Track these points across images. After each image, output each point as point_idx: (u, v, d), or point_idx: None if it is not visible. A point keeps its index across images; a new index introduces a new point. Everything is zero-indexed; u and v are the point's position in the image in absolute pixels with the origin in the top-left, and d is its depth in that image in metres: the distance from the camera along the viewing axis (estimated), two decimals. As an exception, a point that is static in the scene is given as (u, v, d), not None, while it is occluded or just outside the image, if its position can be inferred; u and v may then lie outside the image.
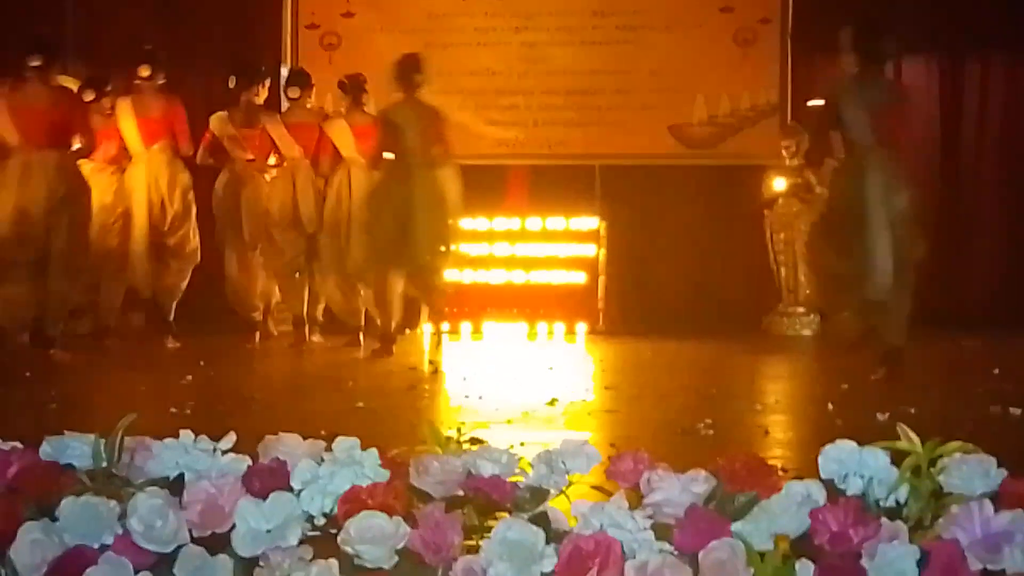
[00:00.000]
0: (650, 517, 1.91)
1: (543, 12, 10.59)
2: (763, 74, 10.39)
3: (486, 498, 1.99)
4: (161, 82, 8.65)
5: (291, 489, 2.02)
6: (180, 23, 10.71)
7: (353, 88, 8.95)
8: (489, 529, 1.93)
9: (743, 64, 10.40)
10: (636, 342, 9.01)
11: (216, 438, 2.15)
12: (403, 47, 10.57)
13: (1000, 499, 1.95)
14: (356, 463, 2.05)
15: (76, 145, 7.83)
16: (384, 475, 2.04)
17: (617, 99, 10.54)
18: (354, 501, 1.97)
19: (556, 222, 10.11)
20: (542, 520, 1.95)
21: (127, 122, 8.58)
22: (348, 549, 1.91)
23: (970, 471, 1.99)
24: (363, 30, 10.65)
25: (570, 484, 2.05)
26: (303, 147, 8.86)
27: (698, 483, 1.95)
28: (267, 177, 9.00)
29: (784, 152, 9.87)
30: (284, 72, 10.03)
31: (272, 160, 9.02)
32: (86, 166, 8.19)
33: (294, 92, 9.03)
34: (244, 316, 9.08)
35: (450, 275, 9.81)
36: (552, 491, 2.03)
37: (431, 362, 7.69)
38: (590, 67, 10.53)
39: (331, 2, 10.70)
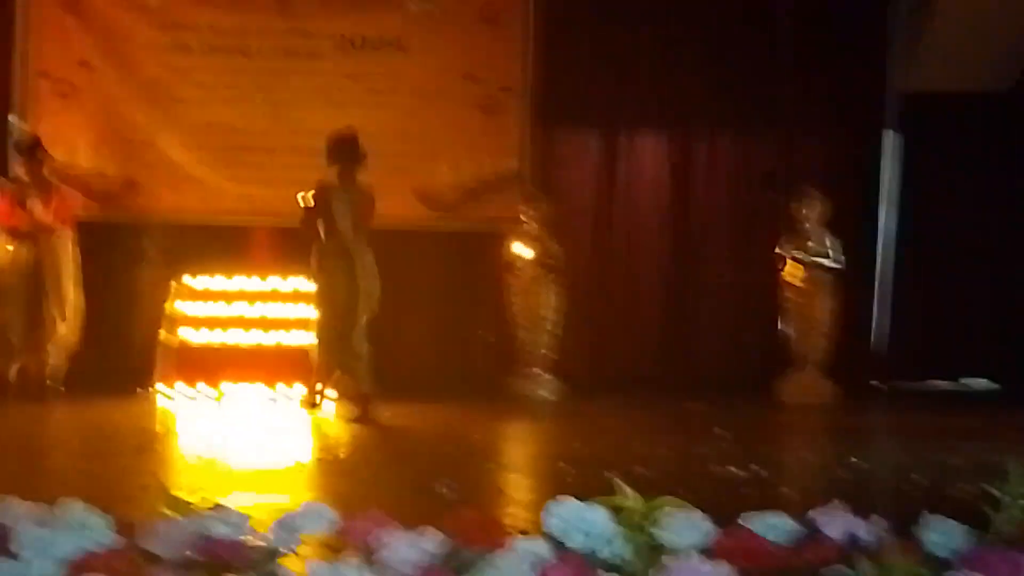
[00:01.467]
0: (380, 574, 1.94)
1: (289, 72, 10.56)
2: (506, 141, 10.67)
3: (218, 559, 1.98)
4: None
5: (13, 555, 1.96)
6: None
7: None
8: (220, 591, 1.92)
9: (486, 131, 10.66)
10: (377, 403, 9.01)
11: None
12: (143, 100, 10.40)
13: (710, 551, 2.08)
14: (84, 526, 2.00)
15: None
16: (113, 538, 2.00)
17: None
18: (82, 566, 1.92)
19: (297, 282, 10.03)
20: (273, 580, 1.96)
21: None
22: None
23: (682, 525, 2.11)
24: (101, 80, 10.35)
25: (302, 544, 2.06)
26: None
27: (427, 541, 2.00)
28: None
29: (524, 218, 10.15)
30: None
31: None
32: None
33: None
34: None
35: (187, 335, 9.63)
36: (283, 551, 2.04)
37: (162, 423, 7.51)
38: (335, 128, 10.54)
39: (66, 50, 10.34)
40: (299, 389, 9.40)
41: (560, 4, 10.59)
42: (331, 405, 8.65)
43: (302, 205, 8.27)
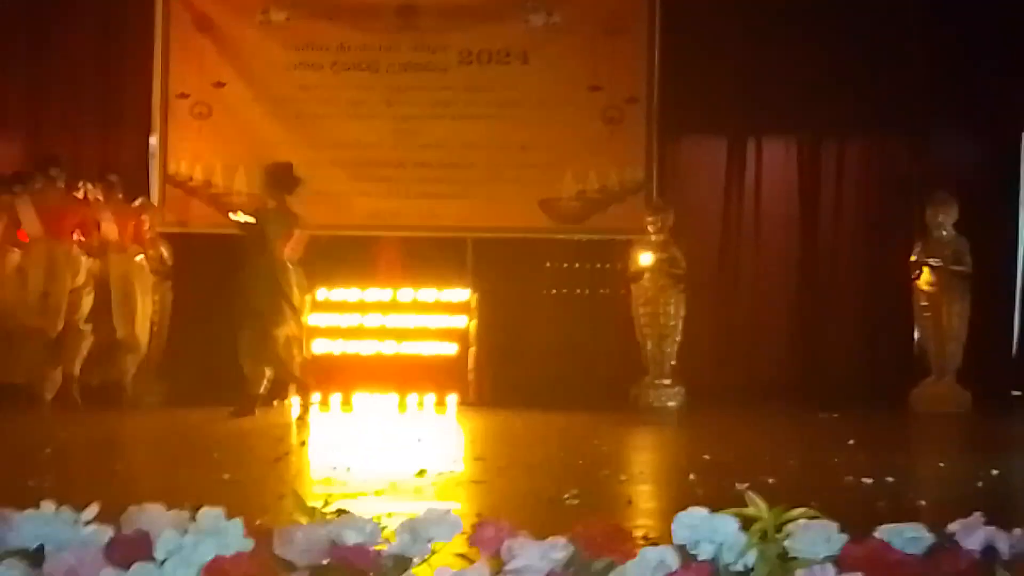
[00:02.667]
0: (510, 583, 1.96)
1: (415, 87, 10.72)
2: (630, 151, 10.65)
3: (350, 566, 2.02)
4: None
5: (154, 560, 2.02)
6: (52, 85, 10.65)
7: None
8: (353, 597, 1.96)
9: (611, 141, 10.66)
10: (505, 413, 9.08)
11: (78, 509, 2.14)
12: (274, 118, 10.65)
13: (842, 562, 2.05)
14: (220, 533, 2.05)
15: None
16: (248, 545, 2.05)
17: (488, 173, 10.69)
18: (218, 571, 1.97)
19: (427, 293, 10.17)
20: (405, 587, 1.99)
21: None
22: (211, 619, 1.92)
23: (813, 536, 2.08)
24: (235, 100, 10.64)
25: (433, 552, 2.09)
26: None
27: (556, 550, 2.01)
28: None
29: (650, 227, 10.11)
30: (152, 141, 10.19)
31: None
32: None
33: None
34: None
35: (320, 346, 9.83)
36: (415, 559, 2.07)
37: (299, 434, 7.68)
38: (462, 141, 10.67)
39: (202, 72, 10.66)
40: (428, 398, 9.53)
41: (683, 13, 10.52)
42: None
43: (237, 219, 9.13)
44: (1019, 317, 10.55)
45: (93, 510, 2.15)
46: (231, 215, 9.43)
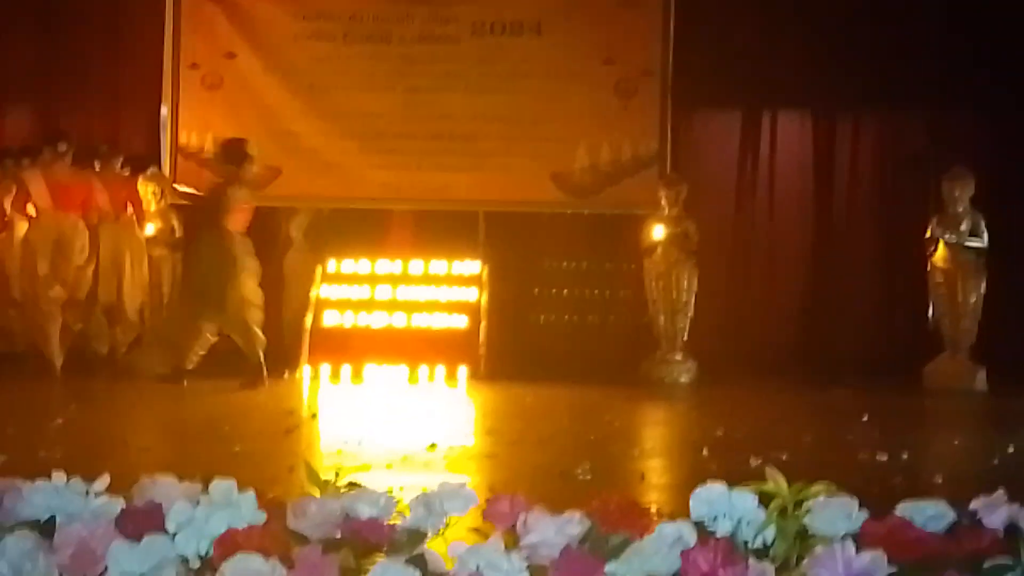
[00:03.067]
0: (526, 558, 1.93)
1: (427, 58, 10.66)
2: (643, 124, 10.58)
3: (363, 540, 2.00)
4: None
5: (166, 531, 2.00)
6: (60, 58, 10.60)
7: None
8: (366, 571, 1.93)
9: (624, 115, 10.59)
10: (517, 387, 9.06)
11: (89, 480, 2.12)
12: (285, 89, 10.60)
13: (862, 539, 2.02)
14: (232, 505, 2.03)
15: None
16: (261, 517, 2.03)
17: (501, 146, 10.64)
18: (230, 543, 1.95)
19: (439, 266, 10.14)
20: (419, 562, 1.96)
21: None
22: (223, 592, 1.90)
23: (833, 512, 2.05)
24: (246, 71, 10.59)
25: (447, 526, 2.07)
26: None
27: (573, 525, 1.98)
28: None
29: (663, 201, 10.05)
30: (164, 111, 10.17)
31: None
32: None
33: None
34: None
35: (331, 318, 9.81)
36: (429, 533, 2.05)
37: (309, 406, 7.68)
38: (474, 113, 10.62)
39: (214, 43, 10.61)
40: (439, 371, 9.52)
41: (698, -15, 10.44)
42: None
43: (185, 192, 9.63)
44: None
45: (104, 481, 2.13)
46: (176, 187, 9.87)
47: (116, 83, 10.76)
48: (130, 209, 9.94)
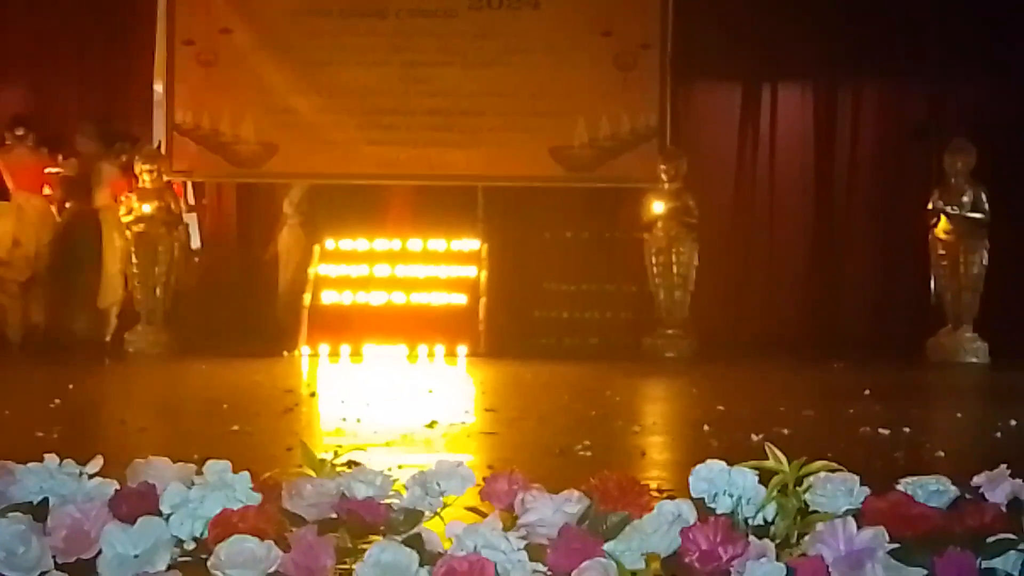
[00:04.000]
0: (523, 538, 1.91)
1: (424, 33, 10.59)
2: (643, 98, 10.53)
3: (359, 520, 1.98)
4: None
5: (160, 513, 1.98)
6: (54, 35, 10.55)
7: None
8: (363, 552, 1.92)
9: (623, 88, 10.53)
10: (516, 364, 9.04)
11: (83, 462, 2.11)
12: (281, 64, 10.55)
13: (863, 516, 2.00)
14: (227, 486, 2.01)
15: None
16: (256, 499, 2.01)
17: (499, 121, 10.59)
18: (224, 525, 1.93)
19: (437, 243, 10.11)
20: (416, 542, 1.95)
21: None
22: (218, 574, 1.88)
23: (834, 489, 2.03)
24: (241, 47, 10.53)
25: (445, 506, 2.05)
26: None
27: (571, 503, 1.96)
28: None
29: (663, 175, 10.01)
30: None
31: None
32: None
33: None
34: None
35: (329, 296, 9.79)
36: (426, 513, 2.03)
37: (307, 385, 7.67)
38: (472, 88, 10.56)
39: (208, 18, 10.53)
40: (438, 349, 9.50)
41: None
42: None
43: (59, 169, 9.91)
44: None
45: (98, 463, 2.12)
46: (51, 170, 10.05)
47: (111, 59, 10.71)
48: (107, 190, 9.96)
